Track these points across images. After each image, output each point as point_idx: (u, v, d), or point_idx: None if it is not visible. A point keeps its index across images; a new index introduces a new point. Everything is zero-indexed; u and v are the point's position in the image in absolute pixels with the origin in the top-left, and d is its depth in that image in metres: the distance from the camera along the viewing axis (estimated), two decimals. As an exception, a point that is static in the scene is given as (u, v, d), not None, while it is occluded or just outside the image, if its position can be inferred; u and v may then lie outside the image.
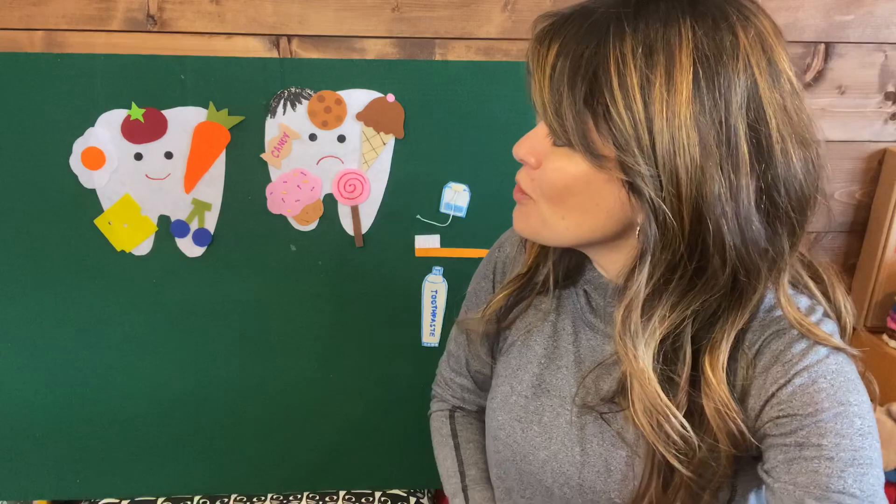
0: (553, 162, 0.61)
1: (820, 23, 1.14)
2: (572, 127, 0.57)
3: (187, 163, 1.07)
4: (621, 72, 0.54)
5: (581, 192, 0.61)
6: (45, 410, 1.16)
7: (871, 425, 0.61)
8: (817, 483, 0.59)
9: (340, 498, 1.22)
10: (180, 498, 1.21)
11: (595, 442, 0.70)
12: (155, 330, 1.14)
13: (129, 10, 1.06)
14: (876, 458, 0.61)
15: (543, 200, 0.63)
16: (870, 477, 0.60)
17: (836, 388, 0.60)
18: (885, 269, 1.22)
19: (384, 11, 1.08)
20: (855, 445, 0.60)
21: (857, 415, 0.60)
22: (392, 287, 1.14)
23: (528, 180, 0.64)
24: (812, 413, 0.60)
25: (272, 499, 1.21)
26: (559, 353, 0.75)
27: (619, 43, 0.54)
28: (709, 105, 0.53)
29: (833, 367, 0.61)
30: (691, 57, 0.53)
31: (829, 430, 0.59)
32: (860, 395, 0.62)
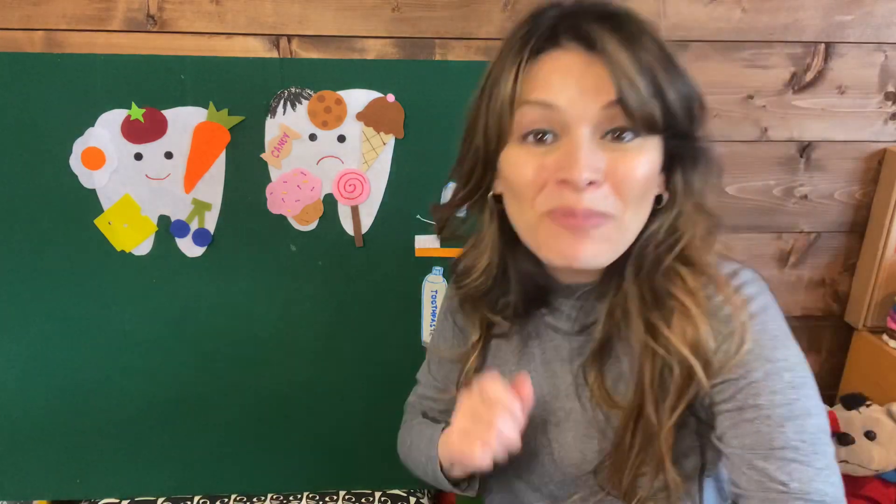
0: (632, 160, 0.61)
1: (820, 23, 1.14)
2: (671, 106, 0.61)
3: (187, 163, 1.07)
4: (667, 44, 0.62)
5: (655, 177, 0.64)
6: (45, 410, 1.16)
7: (801, 376, 0.64)
8: (761, 442, 0.62)
9: (340, 498, 1.22)
10: (180, 498, 1.21)
11: (570, 436, 0.74)
12: (155, 330, 1.14)
13: (129, 10, 1.06)
14: (812, 405, 0.63)
15: (630, 208, 0.63)
16: (809, 426, 0.62)
17: (762, 347, 0.64)
18: (885, 269, 1.22)
19: (384, 11, 1.08)
20: (789, 399, 0.62)
21: (785, 369, 0.63)
22: (392, 287, 1.14)
23: (603, 198, 0.62)
24: (744, 375, 0.63)
25: (272, 499, 1.21)
26: (526, 359, 0.78)
27: (646, 24, 0.62)
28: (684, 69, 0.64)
29: (757, 325, 0.65)
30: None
31: (763, 389, 0.63)
32: (787, 350, 0.65)
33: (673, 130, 0.62)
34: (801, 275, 1.29)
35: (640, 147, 0.62)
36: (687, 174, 0.66)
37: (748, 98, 1.17)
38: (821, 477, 0.61)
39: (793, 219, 1.25)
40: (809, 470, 0.61)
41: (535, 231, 0.66)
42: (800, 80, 1.17)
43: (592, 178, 0.60)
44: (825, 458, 0.62)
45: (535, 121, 0.63)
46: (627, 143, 0.61)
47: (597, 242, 0.63)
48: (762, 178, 1.22)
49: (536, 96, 0.62)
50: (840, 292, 1.31)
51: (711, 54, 1.14)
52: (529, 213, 0.65)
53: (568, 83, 0.61)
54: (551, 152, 0.62)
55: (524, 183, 0.64)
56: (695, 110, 0.64)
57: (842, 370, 1.33)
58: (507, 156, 0.66)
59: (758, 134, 1.20)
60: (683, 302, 0.65)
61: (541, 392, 0.76)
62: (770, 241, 1.27)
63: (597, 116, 0.61)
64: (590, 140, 0.61)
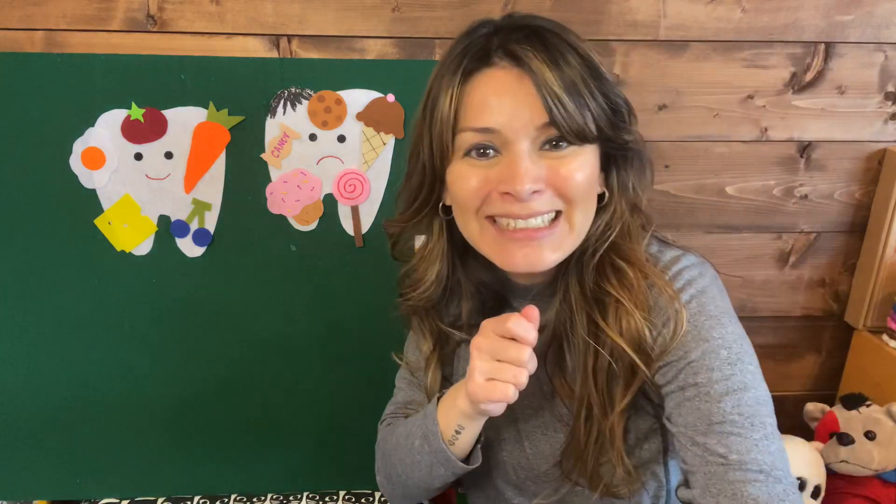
0: (571, 163, 0.66)
1: (820, 23, 1.14)
2: (598, 118, 0.65)
3: (187, 163, 1.07)
4: (593, 57, 0.67)
5: (594, 177, 0.69)
6: (45, 410, 1.16)
7: (737, 352, 0.67)
8: (701, 419, 0.65)
9: (340, 498, 1.22)
10: (180, 498, 1.21)
11: (539, 432, 0.79)
12: (155, 330, 1.14)
13: (129, 10, 1.06)
14: (750, 379, 0.66)
15: (578, 206, 0.68)
16: (747, 399, 0.65)
17: (699, 328, 0.67)
18: (885, 269, 1.22)
19: (384, 11, 1.08)
20: (725, 374, 0.65)
21: (721, 346, 0.66)
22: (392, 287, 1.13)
23: (547, 201, 0.66)
24: (683, 356, 0.67)
25: (272, 499, 1.21)
26: None
27: (570, 35, 0.67)
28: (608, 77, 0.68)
29: (694, 308, 0.68)
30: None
31: (700, 368, 0.66)
32: (723, 328, 0.68)
33: (604, 136, 0.67)
34: (801, 275, 1.29)
35: (575, 153, 0.66)
36: (621, 173, 0.72)
37: (748, 98, 1.17)
38: (759, 447, 0.63)
39: (793, 219, 1.25)
40: (747, 441, 0.63)
41: (482, 239, 0.71)
42: (800, 80, 1.17)
43: (535, 188, 0.65)
44: (763, 428, 0.64)
45: (476, 142, 0.67)
46: (564, 150, 0.66)
47: (552, 245, 0.68)
48: (762, 178, 1.22)
49: (474, 124, 0.66)
50: (840, 292, 1.31)
51: (711, 54, 1.15)
52: (474, 222, 0.70)
53: (504, 103, 0.65)
54: (493, 165, 0.67)
55: (469, 195, 0.68)
56: (623, 116, 0.69)
57: (842, 370, 1.33)
58: (452, 170, 0.69)
59: (758, 134, 1.20)
60: (618, 297, 0.69)
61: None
62: (770, 241, 1.27)
63: (533, 133, 0.65)
64: (529, 152, 0.65)
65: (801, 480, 1.12)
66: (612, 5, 1.10)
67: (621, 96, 0.69)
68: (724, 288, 0.73)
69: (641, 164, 0.73)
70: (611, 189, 0.72)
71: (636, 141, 0.71)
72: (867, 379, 1.26)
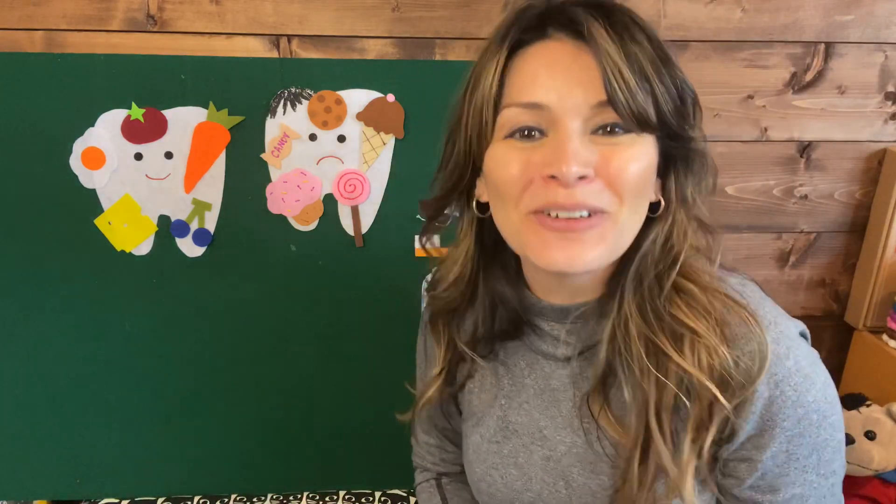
0: (624, 154, 0.57)
1: (820, 23, 1.14)
2: (662, 106, 0.57)
3: (187, 163, 1.07)
4: (659, 39, 0.58)
5: (650, 175, 0.60)
6: (45, 410, 1.16)
7: (825, 412, 0.61)
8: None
9: (340, 498, 1.22)
10: (180, 498, 1.21)
11: (575, 472, 0.68)
12: (155, 330, 1.14)
13: (129, 10, 1.06)
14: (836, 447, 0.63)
15: (626, 204, 0.58)
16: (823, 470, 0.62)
17: (797, 391, 0.60)
18: (885, 269, 1.22)
19: (384, 11, 1.08)
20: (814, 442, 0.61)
21: (813, 411, 0.60)
22: (392, 287, 1.14)
23: (596, 193, 0.57)
24: (776, 424, 0.60)
25: (272, 499, 1.21)
26: (517, 390, 0.72)
27: (637, 17, 0.58)
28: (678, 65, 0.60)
29: (792, 365, 0.61)
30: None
31: (793, 436, 0.61)
32: (815, 388, 0.61)
33: (666, 129, 0.59)
34: (801, 275, 1.29)
35: (633, 141, 0.58)
36: (680, 178, 0.62)
37: (748, 98, 1.17)
38: None
39: (793, 219, 1.25)
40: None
41: (520, 234, 0.61)
42: (800, 80, 1.17)
43: (582, 172, 0.56)
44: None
45: (521, 120, 0.59)
46: (619, 137, 0.57)
47: (593, 242, 0.58)
48: (762, 178, 1.22)
49: (521, 98, 0.58)
50: (840, 292, 1.31)
51: (711, 54, 1.15)
52: (514, 214, 0.60)
53: (556, 77, 0.57)
54: (539, 148, 0.58)
55: (510, 180, 0.59)
56: (689, 109, 0.61)
57: (842, 370, 1.33)
58: (492, 154, 0.61)
59: (758, 134, 1.20)
60: (691, 326, 0.60)
61: (538, 426, 0.71)
62: (770, 241, 1.27)
63: (586, 112, 0.57)
64: (580, 134, 0.57)
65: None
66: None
67: (690, 88, 0.61)
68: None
69: (703, 168, 0.63)
70: (668, 197, 0.62)
71: (700, 140, 0.62)
72: (867, 379, 1.26)
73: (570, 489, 0.68)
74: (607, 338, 0.63)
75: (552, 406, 0.70)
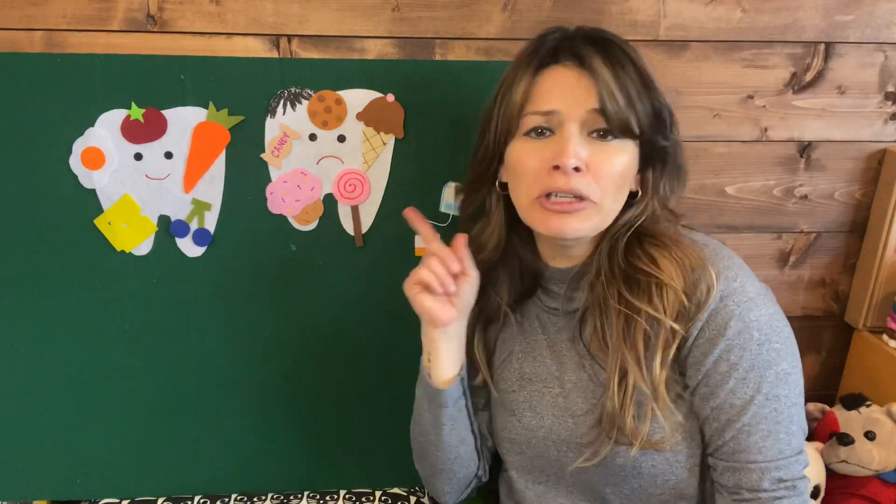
0: (612, 157, 0.77)
1: (820, 23, 1.14)
2: (645, 117, 0.77)
3: (187, 163, 1.07)
4: (644, 63, 0.79)
5: (629, 173, 0.79)
6: (45, 410, 1.16)
7: (768, 332, 0.78)
8: (726, 407, 0.78)
9: (340, 498, 1.22)
10: (180, 498, 1.21)
11: (580, 402, 0.85)
12: (155, 330, 1.14)
13: (129, 10, 1.06)
14: (773, 357, 0.77)
15: (608, 195, 0.78)
16: (769, 376, 0.78)
17: (741, 308, 0.77)
18: (885, 269, 1.22)
19: (384, 11, 1.08)
20: (754, 353, 0.77)
21: (755, 328, 0.77)
22: (392, 287, 1.13)
23: (587, 184, 0.76)
24: (719, 334, 0.77)
25: (272, 499, 1.21)
26: (531, 346, 0.91)
27: (626, 45, 0.79)
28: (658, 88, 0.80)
29: (737, 286, 0.79)
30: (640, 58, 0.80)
31: (734, 346, 0.77)
32: (758, 310, 0.78)
33: (646, 137, 0.77)
34: (801, 275, 1.29)
35: (618, 147, 0.77)
36: (656, 175, 0.82)
37: (748, 98, 1.18)
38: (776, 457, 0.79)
39: (793, 219, 1.25)
40: (763, 450, 0.79)
41: (530, 211, 0.81)
42: (800, 80, 1.17)
43: (577, 164, 0.75)
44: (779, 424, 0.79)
45: (537, 122, 0.78)
46: (608, 142, 0.77)
47: (580, 220, 0.78)
48: (762, 178, 1.22)
49: (539, 107, 0.78)
50: (840, 292, 1.31)
51: (711, 54, 1.15)
52: (525, 197, 0.80)
53: (564, 91, 0.77)
54: (548, 145, 0.77)
55: (528, 170, 0.79)
56: (665, 122, 0.79)
57: (842, 370, 1.33)
58: (514, 148, 0.81)
59: (758, 134, 1.20)
60: (650, 272, 0.78)
61: (549, 370, 0.89)
62: (770, 241, 1.27)
63: (583, 117, 0.76)
64: (578, 135, 0.76)
65: (801, 480, 1.12)
66: (611, 5, 1.10)
67: (667, 106, 0.80)
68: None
69: (676, 168, 0.84)
70: (645, 188, 0.82)
71: (673, 146, 0.82)
72: (867, 379, 1.26)
73: (575, 419, 0.85)
74: (588, 286, 0.84)
75: (560, 353, 0.88)
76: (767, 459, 0.76)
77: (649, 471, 0.81)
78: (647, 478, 0.82)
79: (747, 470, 0.76)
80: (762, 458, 0.76)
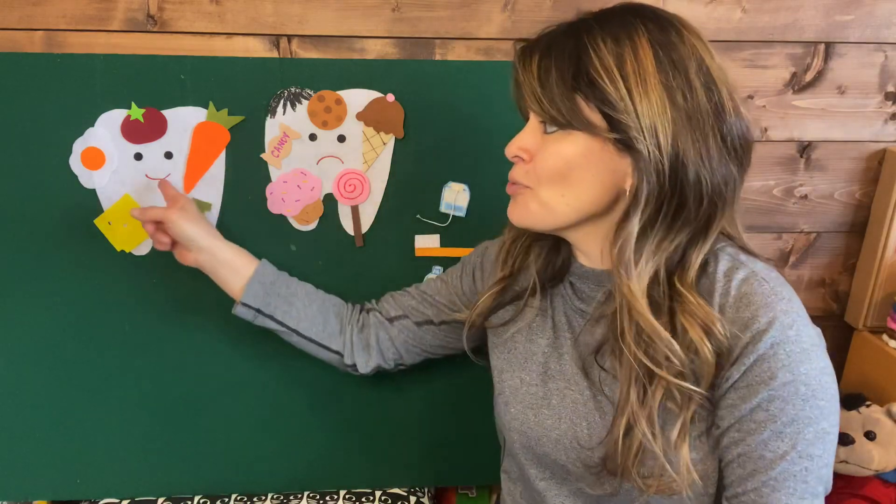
0: (549, 148, 0.73)
1: (820, 23, 1.14)
2: (567, 108, 0.70)
3: (187, 163, 1.07)
4: (599, 55, 0.68)
5: (581, 166, 0.72)
6: (45, 410, 1.16)
7: (815, 388, 0.69)
8: (755, 458, 0.70)
9: (340, 498, 1.22)
10: (180, 498, 1.21)
11: (597, 415, 0.79)
12: (155, 330, 1.14)
13: (129, 10, 1.06)
14: (817, 414, 0.69)
15: (544, 185, 0.74)
16: (807, 435, 0.69)
17: (790, 357, 0.69)
18: (885, 269, 1.22)
19: (384, 11, 1.08)
20: (797, 407, 0.69)
21: (802, 383, 0.69)
22: (392, 287, 1.13)
23: (523, 173, 0.76)
24: (766, 380, 0.69)
25: (272, 499, 1.21)
26: (559, 342, 0.85)
27: (591, 37, 0.70)
28: (671, 71, 0.68)
29: (793, 335, 0.70)
30: (648, 41, 0.68)
31: (776, 397, 0.69)
32: (810, 363, 0.70)
33: (589, 129, 0.70)
34: (801, 275, 1.29)
35: (556, 139, 0.73)
36: (638, 174, 0.71)
37: (748, 98, 1.18)
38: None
39: (793, 219, 1.25)
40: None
41: None
42: (800, 80, 1.17)
43: (515, 154, 0.76)
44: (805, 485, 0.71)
45: (523, 115, 0.79)
46: (549, 134, 0.73)
47: (520, 206, 0.77)
48: (762, 178, 1.22)
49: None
50: (840, 292, 1.31)
51: (711, 54, 1.14)
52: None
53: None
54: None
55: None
56: (609, 114, 0.69)
57: (842, 370, 1.33)
58: None
59: (758, 134, 1.20)
60: (699, 314, 0.70)
61: (572, 371, 0.82)
62: (770, 241, 1.27)
63: (531, 110, 0.75)
64: (533, 127, 0.75)
65: (801, 480, 1.12)
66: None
67: (610, 97, 0.68)
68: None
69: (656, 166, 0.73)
70: (632, 188, 0.71)
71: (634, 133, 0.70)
72: (867, 379, 1.26)
73: (591, 429, 0.79)
74: (610, 309, 0.76)
75: (583, 356, 0.82)
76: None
77: (658, 501, 0.76)
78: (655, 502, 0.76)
79: None
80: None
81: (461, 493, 1.28)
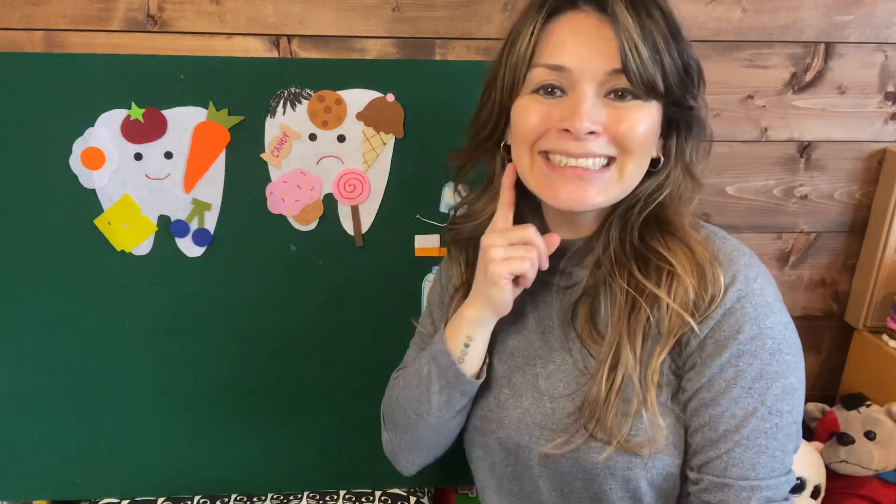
0: (630, 115, 0.68)
1: (820, 23, 1.14)
2: (669, 76, 0.67)
3: (187, 163, 1.07)
4: (670, 12, 0.68)
5: (653, 135, 0.71)
6: (45, 410, 1.16)
7: (780, 342, 0.70)
8: (721, 417, 0.71)
9: (340, 498, 1.22)
10: (180, 498, 1.21)
11: (560, 387, 0.77)
12: (155, 330, 1.14)
13: (129, 10, 1.06)
14: (783, 369, 0.70)
15: (631, 157, 0.69)
16: (775, 389, 0.70)
17: (757, 310, 0.69)
18: (885, 269, 1.22)
19: (384, 11, 1.08)
20: (764, 362, 0.69)
21: (768, 336, 0.69)
22: (392, 287, 1.14)
23: (603, 145, 0.68)
24: (733, 335, 0.69)
25: (272, 499, 1.21)
26: (517, 318, 0.82)
27: (664, 3, 0.68)
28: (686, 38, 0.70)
29: (757, 288, 0.71)
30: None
31: (744, 352, 0.69)
32: (775, 317, 0.70)
33: (671, 97, 0.69)
34: (801, 275, 1.29)
35: (639, 106, 0.68)
36: (681, 140, 0.74)
37: (748, 98, 1.17)
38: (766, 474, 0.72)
39: (793, 219, 1.25)
40: (755, 468, 0.72)
41: (530, 171, 0.73)
42: (800, 80, 1.17)
43: (592, 129, 0.67)
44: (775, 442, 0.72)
45: (545, 79, 0.69)
46: (628, 101, 0.68)
47: (599, 188, 0.70)
48: (762, 178, 1.22)
49: (548, 60, 0.68)
50: (840, 292, 1.31)
51: (711, 54, 1.15)
52: (526, 156, 0.72)
53: (579, 44, 0.67)
54: (558, 105, 0.69)
55: (529, 128, 0.70)
56: (693, 80, 0.71)
57: (842, 370, 1.33)
58: (518, 104, 0.72)
59: (758, 134, 1.20)
60: (666, 257, 0.71)
61: (533, 347, 0.81)
62: (770, 241, 1.27)
63: (601, 78, 0.67)
64: (593, 96, 0.67)
65: (801, 480, 1.12)
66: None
67: (695, 60, 0.71)
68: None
69: (701, 133, 0.75)
70: (668, 155, 0.74)
71: (700, 108, 0.73)
72: (867, 379, 1.26)
73: (553, 403, 0.77)
74: (593, 262, 0.76)
75: (549, 330, 0.80)
76: (759, 477, 0.69)
77: (623, 474, 0.73)
78: (620, 481, 0.73)
79: (737, 487, 0.69)
80: (754, 476, 0.69)
81: (461, 493, 1.28)
